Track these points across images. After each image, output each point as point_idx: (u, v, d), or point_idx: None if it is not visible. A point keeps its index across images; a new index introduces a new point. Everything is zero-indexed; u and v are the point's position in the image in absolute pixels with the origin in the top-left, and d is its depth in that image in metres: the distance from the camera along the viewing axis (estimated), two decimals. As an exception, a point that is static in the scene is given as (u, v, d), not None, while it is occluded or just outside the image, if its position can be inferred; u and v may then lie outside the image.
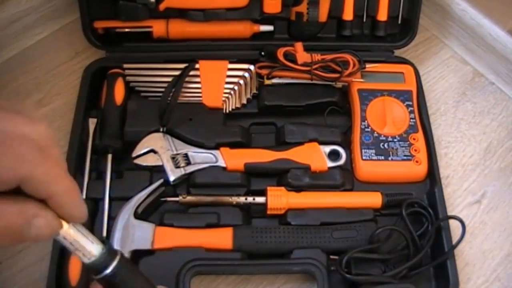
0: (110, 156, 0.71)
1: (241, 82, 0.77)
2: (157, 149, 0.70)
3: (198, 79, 0.76)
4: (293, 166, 0.70)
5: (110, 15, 0.77)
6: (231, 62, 0.78)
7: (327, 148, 0.72)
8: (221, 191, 0.68)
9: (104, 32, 0.79)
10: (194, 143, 0.72)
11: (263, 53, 0.78)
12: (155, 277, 0.61)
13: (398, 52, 0.82)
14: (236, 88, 0.76)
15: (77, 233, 0.37)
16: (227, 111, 0.76)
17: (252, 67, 0.77)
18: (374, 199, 0.69)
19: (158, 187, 0.68)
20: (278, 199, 0.67)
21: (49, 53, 0.85)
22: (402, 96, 0.76)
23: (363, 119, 0.74)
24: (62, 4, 0.85)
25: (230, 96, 0.76)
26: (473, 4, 0.82)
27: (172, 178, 0.68)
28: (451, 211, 0.71)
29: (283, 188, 0.68)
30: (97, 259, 0.38)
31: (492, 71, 0.84)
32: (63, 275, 0.62)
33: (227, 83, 0.76)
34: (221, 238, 0.65)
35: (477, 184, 0.75)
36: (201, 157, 0.70)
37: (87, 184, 0.69)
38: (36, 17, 0.84)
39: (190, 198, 0.67)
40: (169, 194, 0.69)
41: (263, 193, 0.68)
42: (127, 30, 0.78)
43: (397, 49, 0.81)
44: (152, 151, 0.70)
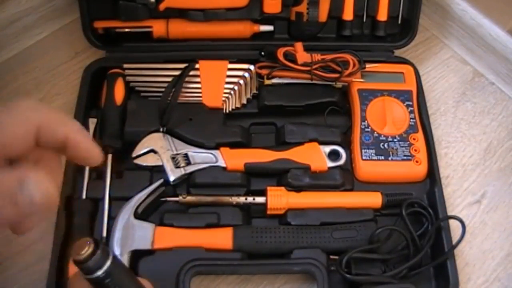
0: (110, 156, 0.71)
1: (241, 82, 0.77)
2: (157, 149, 0.70)
3: (198, 79, 0.76)
4: (293, 166, 0.70)
5: (110, 15, 0.77)
6: (231, 62, 0.78)
7: (327, 148, 0.72)
8: (221, 191, 0.68)
9: (104, 32, 0.79)
10: (194, 143, 0.72)
11: (263, 53, 0.78)
12: (155, 277, 0.62)
13: (398, 52, 0.82)
14: (236, 88, 0.76)
15: None
16: (227, 111, 0.75)
17: (252, 67, 0.77)
18: (374, 199, 0.69)
19: (158, 187, 0.68)
20: (278, 199, 0.67)
21: (49, 53, 0.85)
22: (402, 96, 0.76)
23: (363, 119, 0.74)
24: (62, 4, 0.85)
25: (230, 96, 0.76)
26: (473, 4, 0.82)
27: (172, 178, 0.68)
28: (451, 211, 0.71)
29: (283, 188, 0.68)
30: (91, 260, 0.37)
31: (492, 71, 0.84)
32: (63, 275, 0.62)
33: (227, 83, 0.76)
34: (221, 238, 0.65)
35: (477, 184, 0.75)
36: (201, 157, 0.70)
37: (87, 184, 0.69)
38: (36, 17, 0.84)
39: (190, 198, 0.67)
40: (169, 194, 0.69)
41: (263, 193, 0.68)
42: (127, 30, 0.78)
43: (397, 49, 0.81)
44: (152, 151, 0.70)
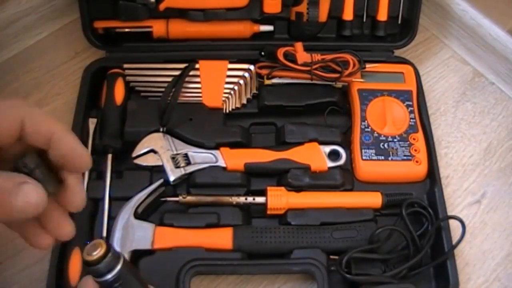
0: (110, 156, 0.71)
1: (241, 82, 0.77)
2: (157, 149, 0.70)
3: (198, 79, 0.76)
4: (293, 166, 0.70)
5: (110, 15, 0.77)
6: (231, 62, 0.78)
7: (327, 148, 0.72)
8: (221, 191, 0.68)
9: (104, 32, 0.79)
10: (194, 143, 0.72)
11: (263, 53, 0.78)
12: (155, 277, 0.62)
13: (398, 52, 0.82)
14: (236, 88, 0.76)
15: None
16: (227, 111, 0.75)
17: (252, 67, 0.77)
18: (374, 199, 0.69)
19: (158, 187, 0.68)
20: (278, 199, 0.67)
21: (49, 53, 0.85)
22: (402, 96, 0.76)
23: (363, 119, 0.74)
24: (62, 4, 0.85)
25: (230, 96, 0.76)
26: (473, 4, 0.82)
27: (172, 178, 0.68)
28: (451, 211, 0.71)
29: (283, 188, 0.68)
30: (102, 262, 0.38)
31: (492, 71, 0.84)
32: (63, 275, 0.62)
33: (227, 83, 0.76)
34: (221, 238, 0.65)
35: (477, 184, 0.75)
36: (201, 157, 0.70)
37: (87, 184, 0.69)
38: (36, 17, 0.84)
39: (190, 198, 0.67)
40: (169, 194, 0.69)
41: (263, 193, 0.68)
42: (127, 30, 0.78)
43: (397, 49, 0.81)
44: (152, 151, 0.70)
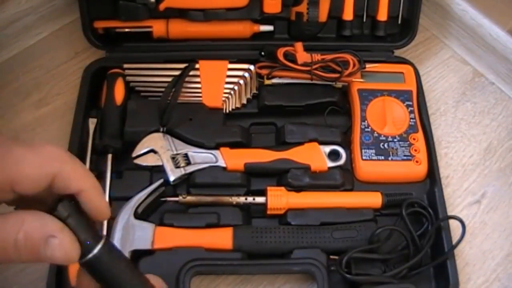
0: (110, 156, 0.71)
1: (241, 82, 0.77)
2: (157, 149, 0.70)
3: (198, 79, 0.76)
4: (293, 166, 0.70)
5: (110, 15, 0.77)
6: (231, 62, 0.78)
7: (327, 148, 0.72)
8: (221, 191, 0.68)
9: (104, 32, 0.79)
10: (194, 143, 0.72)
11: (263, 53, 0.78)
12: (155, 277, 0.61)
13: (398, 52, 0.82)
14: (236, 88, 0.76)
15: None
16: (227, 111, 0.75)
17: (252, 67, 0.77)
18: (374, 199, 0.69)
19: (158, 187, 0.68)
20: (278, 199, 0.67)
21: (49, 53, 0.85)
22: (402, 96, 0.76)
23: (363, 119, 0.74)
24: (62, 4, 0.85)
25: (230, 96, 0.76)
26: (473, 4, 0.82)
27: (172, 178, 0.68)
28: (451, 211, 0.71)
29: (283, 188, 0.68)
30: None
31: (492, 71, 0.84)
32: (63, 275, 0.62)
33: (227, 83, 0.76)
34: (221, 238, 0.65)
35: (477, 184, 0.75)
36: (201, 157, 0.70)
37: (87, 184, 0.69)
38: (36, 17, 0.84)
39: (190, 198, 0.67)
40: (169, 194, 0.69)
41: (263, 193, 0.68)
42: (127, 30, 0.78)
43: (397, 49, 0.81)
44: (152, 151, 0.70)
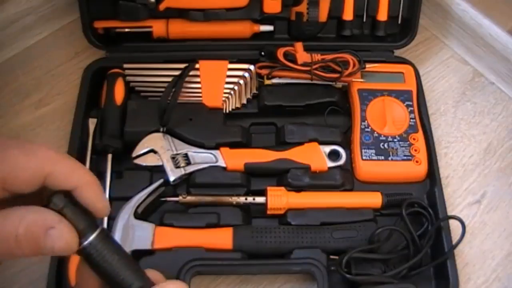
0: (110, 156, 0.71)
1: (241, 82, 0.77)
2: (157, 149, 0.70)
3: (198, 79, 0.76)
4: (293, 166, 0.70)
5: (110, 15, 0.77)
6: (231, 62, 0.78)
7: (327, 148, 0.72)
8: (221, 191, 0.68)
9: (104, 32, 0.79)
10: (194, 143, 0.72)
11: (263, 53, 0.78)
12: (155, 277, 0.61)
13: (398, 52, 0.82)
14: (236, 88, 0.76)
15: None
16: (227, 111, 0.75)
17: (252, 67, 0.77)
18: (374, 199, 0.69)
19: (158, 187, 0.68)
20: (278, 199, 0.67)
21: (49, 53, 0.85)
22: (402, 96, 0.76)
23: (363, 119, 0.74)
24: (62, 4, 0.85)
25: (230, 96, 0.76)
26: (473, 4, 0.82)
27: (172, 178, 0.68)
28: (451, 211, 0.71)
29: (283, 188, 0.68)
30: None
31: (492, 71, 0.84)
32: (63, 275, 0.62)
33: (227, 83, 0.76)
34: (221, 238, 0.65)
35: (477, 184, 0.75)
36: (201, 157, 0.70)
37: (87, 184, 0.69)
38: (36, 17, 0.84)
39: (190, 198, 0.67)
40: (169, 194, 0.69)
41: (263, 193, 0.68)
42: (127, 30, 0.78)
43: (397, 49, 0.81)
44: (152, 151, 0.70)
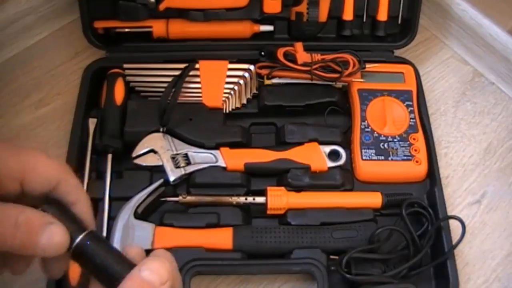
0: (110, 156, 0.71)
1: (241, 82, 0.77)
2: (157, 149, 0.70)
3: (198, 79, 0.76)
4: (293, 166, 0.70)
5: (110, 15, 0.77)
6: (231, 62, 0.78)
7: (327, 148, 0.72)
8: (221, 191, 0.68)
9: (104, 32, 0.79)
10: (194, 143, 0.72)
11: (263, 53, 0.78)
12: (155, 277, 0.61)
13: (398, 52, 0.82)
14: (236, 88, 0.76)
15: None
16: (227, 111, 0.75)
17: (252, 67, 0.77)
18: (374, 199, 0.69)
19: (158, 187, 0.68)
20: (278, 199, 0.67)
21: (49, 53, 0.85)
22: (402, 96, 0.76)
23: (363, 119, 0.74)
24: (62, 4, 0.85)
25: (230, 96, 0.76)
26: (473, 4, 0.82)
27: (172, 178, 0.68)
28: (451, 211, 0.71)
29: (283, 188, 0.68)
30: None
31: (492, 71, 0.84)
32: (63, 275, 0.62)
33: (227, 83, 0.76)
34: (221, 238, 0.65)
35: (477, 184, 0.75)
36: (201, 157, 0.70)
37: (87, 184, 0.69)
38: (36, 17, 0.84)
39: (190, 198, 0.67)
40: (169, 194, 0.69)
41: (263, 193, 0.68)
42: (127, 30, 0.78)
43: (397, 49, 0.81)
44: (152, 151, 0.70)
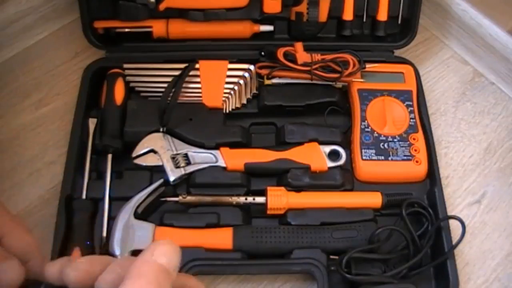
0: (110, 156, 0.71)
1: (241, 82, 0.77)
2: (157, 149, 0.70)
3: (198, 79, 0.76)
4: (293, 166, 0.70)
5: (110, 15, 0.77)
6: (231, 62, 0.78)
7: (327, 148, 0.72)
8: (221, 191, 0.68)
9: (104, 32, 0.79)
10: (194, 143, 0.72)
11: (263, 53, 0.78)
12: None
13: (398, 52, 0.82)
14: (236, 88, 0.76)
15: None
16: (227, 111, 0.75)
17: (252, 67, 0.77)
18: (374, 199, 0.69)
19: (158, 187, 0.68)
20: (278, 199, 0.67)
21: (49, 53, 0.85)
22: (402, 96, 0.76)
23: (363, 119, 0.74)
24: (62, 4, 0.85)
25: (230, 96, 0.76)
26: (473, 4, 0.82)
27: (172, 178, 0.68)
28: (451, 211, 0.71)
29: (283, 188, 0.68)
30: None
31: (492, 71, 0.84)
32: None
33: (227, 83, 0.76)
34: (221, 238, 0.65)
35: (477, 184, 0.75)
36: (201, 157, 0.70)
37: (87, 184, 0.69)
38: (36, 17, 0.84)
39: (190, 198, 0.67)
40: (169, 194, 0.69)
41: (263, 193, 0.68)
42: (127, 30, 0.78)
43: (397, 49, 0.81)
44: (152, 151, 0.70)
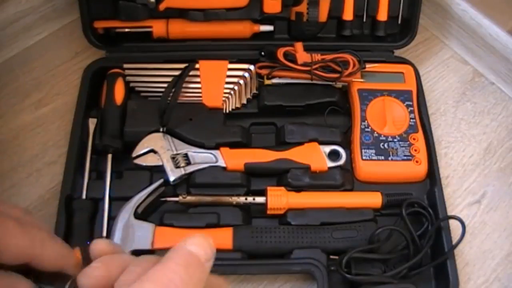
0: (110, 156, 0.71)
1: (241, 82, 0.77)
2: (157, 149, 0.70)
3: (198, 79, 0.76)
4: (293, 166, 0.70)
5: (110, 15, 0.77)
6: (231, 62, 0.78)
7: (327, 148, 0.72)
8: (221, 191, 0.68)
9: (104, 32, 0.79)
10: (194, 143, 0.72)
11: (263, 53, 0.78)
12: (155, 277, 0.61)
13: (398, 52, 0.82)
14: (236, 88, 0.76)
15: None
16: (227, 111, 0.75)
17: (252, 67, 0.77)
18: (374, 199, 0.69)
19: (158, 187, 0.68)
20: (278, 199, 0.67)
21: (49, 53, 0.85)
22: (402, 96, 0.76)
23: (363, 119, 0.74)
24: (62, 4, 0.85)
25: (230, 96, 0.76)
26: (473, 4, 0.82)
27: (172, 178, 0.68)
28: (451, 211, 0.71)
29: (283, 188, 0.68)
30: None
31: (492, 71, 0.84)
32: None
33: (227, 83, 0.76)
34: (221, 238, 0.65)
35: (477, 184, 0.75)
36: (201, 157, 0.70)
37: (87, 184, 0.69)
38: (36, 17, 0.84)
39: (190, 198, 0.67)
40: (169, 194, 0.69)
41: (263, 193, 0.68)
42: (127, 30, 0.78)
43: (397, 49, 0.81)
44: (152, 151, 0.70)
